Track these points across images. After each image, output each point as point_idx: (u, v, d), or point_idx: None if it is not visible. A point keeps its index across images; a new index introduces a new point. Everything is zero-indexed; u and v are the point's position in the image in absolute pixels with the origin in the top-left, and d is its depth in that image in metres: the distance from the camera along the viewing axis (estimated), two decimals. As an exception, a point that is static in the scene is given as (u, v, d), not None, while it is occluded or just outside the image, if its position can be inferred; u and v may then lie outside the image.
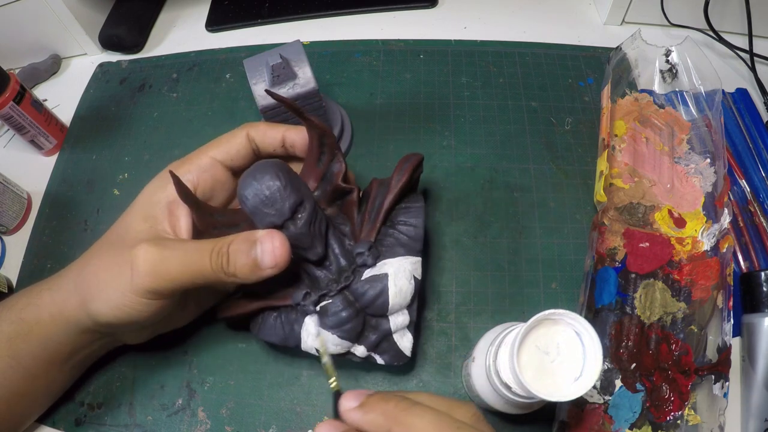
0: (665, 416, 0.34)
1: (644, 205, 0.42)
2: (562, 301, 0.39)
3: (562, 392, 0.24)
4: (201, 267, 0.29)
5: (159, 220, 0.32)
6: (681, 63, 0.47)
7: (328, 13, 0.58)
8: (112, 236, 0.33)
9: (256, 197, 0.30)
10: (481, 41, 0.53)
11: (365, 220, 0.34)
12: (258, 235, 0.29)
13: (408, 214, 0.34)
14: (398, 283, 0.31)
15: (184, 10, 0.62)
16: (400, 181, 0.34)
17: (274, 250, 0.29)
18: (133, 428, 0.37)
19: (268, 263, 0.29)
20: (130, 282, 0.29)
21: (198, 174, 0.33)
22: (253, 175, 0.31)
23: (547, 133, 0.47)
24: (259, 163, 0.32)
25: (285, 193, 0.30)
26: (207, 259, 0.29)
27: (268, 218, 0.30)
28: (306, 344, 0.32)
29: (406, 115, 0.49)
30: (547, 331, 0.25)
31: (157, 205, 0.32)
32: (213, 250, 0.29)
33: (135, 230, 0.32)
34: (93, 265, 0.32)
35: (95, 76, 0.57)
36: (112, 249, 0.32)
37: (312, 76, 0.40)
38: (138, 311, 0.30)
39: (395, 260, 0.32)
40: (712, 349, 0.35)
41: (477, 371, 0.30)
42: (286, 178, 0.31)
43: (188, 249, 0.30)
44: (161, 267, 0.29)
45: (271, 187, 0.30)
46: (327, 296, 0.32)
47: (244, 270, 0.29)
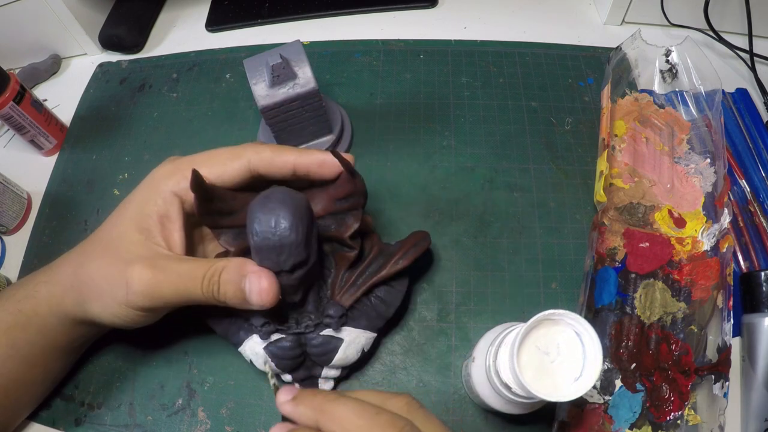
0: (665, 416, 0.34)
1: (644, 205, 0.42)
2: (562, 301, 0.39)
3: (562, 392, 0.24)
4: (192, 292, 0.30)
5: (152, 233, 0.32)
6: (681, 63, 0.47)
7: (328, 13, 0.58)
8: (104, 239, 0.33)
9: (264, 239, 0.28)
10: (481, 41, 0.53)
11: (349, 281, 0.34)
12: (248, 270, 0.30)
13: (388, 293, 0.35)
14: (348, 351, 0.33)
15: (184, 10, 0.62)
16: (401, 265, 0.34)
17: (261, 292, 0.29)
18: (133, 428, 0.37)
19: (255, 301, 0.29)
20: (125, 297, 0.30)
21: (186, 191, 0.31)
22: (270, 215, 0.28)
23: (547, 133, 0.47)
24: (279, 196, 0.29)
25: (294, 251, 0.29)
26: (198, 285, 0.30)
27: (266, 262, 0.29)
28: (244, 351, 0.34)
29: (406, 115, 0.49)
30: (547, 331, 0.25)
31: (149, 218, 0.32)
32: (205, 277, 0.30)
33: (129, 241, 0.31)
34: (89, 269, 0.32)
35: (95, 76, 0.57)
36: (107, 255, 0.32)
37: (312, 76, 0.40)
38: (133, 320, 0.32)
39: (354, 331, 0.34)
40: (712, 349, 0.35)
41: (477, 371, 0.30)
42: (303, 231, 0.29)
43: (181, 274, 0.30)
44: (154, 290, 0.30)
45: (283, 239, 0.28)
46: (282, 333, 0.33)
47: (233, 301, 0.30)
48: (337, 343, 0.33)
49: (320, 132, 0.44)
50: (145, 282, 0.30)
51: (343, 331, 0.33)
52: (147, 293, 0.30)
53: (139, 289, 0.30)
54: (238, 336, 0.34)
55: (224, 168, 0.32)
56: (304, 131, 0.43)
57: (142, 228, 0.32)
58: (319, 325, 0.33)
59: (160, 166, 0.33)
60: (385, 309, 0.34)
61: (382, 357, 0.38)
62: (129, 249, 0.31)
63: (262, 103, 0.39)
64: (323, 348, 0.33)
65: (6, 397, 0.34)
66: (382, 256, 0.35)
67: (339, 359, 0.33)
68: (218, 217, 0.32)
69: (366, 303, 0.34)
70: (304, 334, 0.33)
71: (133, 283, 0.30)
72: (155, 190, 0.32)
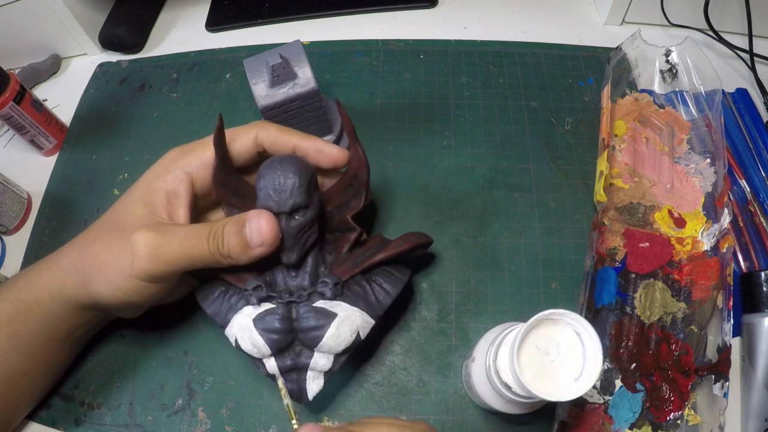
0: (665, 416, 0.34)
1: (644, 205, 0.42)
2: (562, 301, 0.39)
3: (562, 392, 0.24)
4: (199, 250, 0.30)
5: (158, 208, 0.32)
6: (681, 63, 0.47)
7: (328, 13, 0.58)
8: (110, 219, 0.33)
9: (271, 180, 0.31)
10: (481, 41, 0.53)
11: (348, 260, 0.34)
12: (246, 215, 0.31)
13: (388, 280, 0.34)
14: (341, 328, 0.31)
15: (184, 10, 0.62)
16: (400, 247, 0.34)
17: (261, 229, 0.30)
18: (133, 428, 0.37)
19: (256, 242, 0.30)
20: (130, 266, 0.30)
21: (197, 168, 0.33)
22: (280, 161, 0.31)
23: (547, 133, 0.47)
24: (293, 155, 0.33)
25: (296, 191, 0.31)
26: (204, 241, 0.30)
27: (269, 202, 0.31)
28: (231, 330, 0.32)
29: (406, 115, 0.49)
30: (547, 331, 0.25)
31: (156, 193, 0.32)
32: (210, 233, 0.30)
33: (134, 215, 0.32)
34: (94, 247, 0.32)
35: (95, 76, 0.57)
36: (112, 232, 0.32)
37: (312, 76, 0.40)
38: (137, 293, 0.31)
39: (351, 308, 0.32)
40: (712, 349, 0.35)
41: (477, 371, 0.30)
42: (306, 181, 0.31)
43: (187, 233, 0.31)
44: (160, 251, 0.30)
45: (288, 178, 0.31)
46: (273, 300, 0.32)
47: (236, 249, 0.30)
48: (330, 317, 0.31)
49: (320, 132, 0.44)
50: (151, 244, 0.30)
51: (338, 307, 0.32)
52: (153, 255, 0.30)
53: (145, 252, 0.30)
54: (226, 316, 0.32)
55: (234, 144, 0.34)
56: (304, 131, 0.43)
57: (147, 202, 0.32)
58: (312, 295, 0.32)
59: (170, 150, 0.34)
60: (384, 295, 0.34)
61: (382, 357, 0.38)
62: (132, 221, 0.32)
63: (262, 103, 0.39)
64: (314, 321, 0.31)
65: (8, 391, 0.34)
66: (381, 243, 0.35)
67: (331, 337, 0.31)
68: (229, 192, 0.33)
69: (365, 286, 0.34)
70: (296, 304, 0.32)
71: (138, 247, 0.30)
72: (165, 168, 0.33)
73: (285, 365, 0.32)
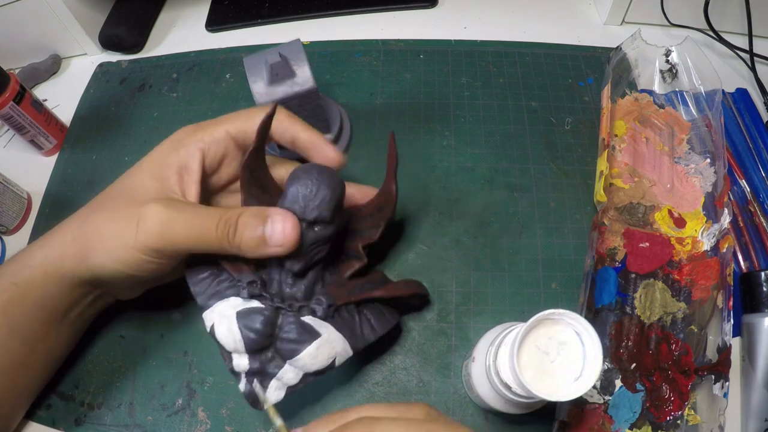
0: (665, 416, 0.34)
1: (644, 205, 0.42)
2: (562, 301, 0.39)
3: (562, 392, 0.24)
4: (206, 233, 0.29)
5: (170, 182, 0.31)
6: (681, 63, 0.47)
7: (328, 13, 0.58)
8: (115, 191, 0.33)
9: (304, 185, 0.30)
10: (481, 41, 0.53)
11: (346, 286, 0.34)
12: (270, 212, 0.30)
13: (377, 320, 0.34)
14: (321, 349, 0.30)
15: (184, 10, 0.62)
16: (399, 289, 0.35)
17: (285, 231, 0.29)
18: (133, 428, 0.37)
19: (277, 242, 0.29)
20: (134, 238, 0.29)
21: (209, 144, 0.33)
22: (319, 171, 0.31)
23: (547, 133, 0.47)
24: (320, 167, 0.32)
25: (324, 205, 0.30)
26: (214, 225, 0.29)
27: (295, 205, 0.30)
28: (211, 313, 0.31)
29: (406, 115, 0.49)
30: (547, 331, 0.25)
31: (168, 168, 0.32)
32: (221, 219, 0.29)
33: (144, 186, 0.31)
34: (95, 218, 0.31)
35: (95, 76, 0.57)
36: (117, 202, 0.31)
37: (311, 75, 0.40)
38: (138, 268, 0.30)
39: (336, 333, 0.31)
40: (712, 349, 0.35)
41: (477, 371, 0.30)
42: (336, 200, 0.31)
43: (197, 212, 0.30)
44: (168, 228, 0.29)
45: (320, 190, 0.30)
46: (264, 300, 0.31)
47: (249, 243, 0.30)
48: (314, 336, 0.30)
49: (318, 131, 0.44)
50: (159, 219, 0.29)
51: (323, 327, 0.31)
52: (159, 232, 0.29)
53: (152, 226, 0.29)
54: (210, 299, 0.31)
55: (246, 123, 0.33)
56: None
57: (159, 176, 0.31)
58: (303, 309, 0.32)
59: (184, 127, 0.34)
60: (369, 332, 0.33)
61: (382, 357, 0.38)
62: (141, 192, 0.31)
63: (260, 101, 0.39)
64: (297, 334, 0.30)
65: (10, 381, 0.33)
66: (383, 282, 0.35)
67: (308, 355, 0.30)
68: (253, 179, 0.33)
69: (354, 317, 0.33)
70: (284, 313, 0.31)
71: (146, 220, 0.29)
72: (178, 143, 0.32)
73: (252, 367, 0.31)
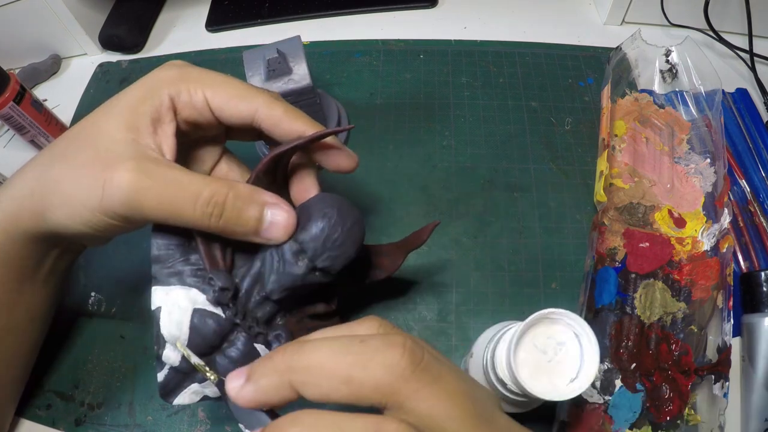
0: (665, 416, 0.34)
1: (644, 205, 0.42)
2: (562, 301, 0.39)
3: (557, 392, 0.24)
4: (182, 209, 0.25)
5: (143, 135, 0.27)
6: (681, 63, 0.47)
7: (328, 13, 0.58)
8: (81, 137, 0.28)
9: (332, 230, 0.27)
10: (481, 41, 0.53)
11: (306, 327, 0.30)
12: (266, 199, 0.27)
13: None
14: None
15: (184, 10, 0.62)
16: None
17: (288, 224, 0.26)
18: (133, 428, 0.37)
19: (272, 234, 0.26)
20: (99, 201, 0.25)
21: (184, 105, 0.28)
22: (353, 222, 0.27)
23: (547, 133, 0.47)
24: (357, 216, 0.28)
25: (340, 260, 0.27)
26: (191, 202, 0.25)
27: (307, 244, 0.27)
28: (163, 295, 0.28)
29: (406, 115, 0.49)
30: (546, 330, 0.25)
31: (142, 117, 0.27)
32: (202, 196, 0.25)
33: (114, 139, 0.26)
34: (57, 171, 0.27)
35: (95, 76, 0.57)
36: (82, 153, 0.27)
37: (307, 72, 0.39)
38: (103, 229, 0.27)
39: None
40: (712, 349, 0.35)
41: (474, 367, 0.30)
42: (357, 254, 0.28)
43: (172, 181, 0.25)
44: (136, 198, 0.25)
45: (345, 246, 0.27)
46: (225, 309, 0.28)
47: (236, 230, 0.26)
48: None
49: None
50: (126, 187, 0.25)
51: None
52: (127, 201, 0.25)
53: (118, 195, 0.25)
54: (168, 277, 0.28)
55: (228, 104, 0.28)
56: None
57: (131, 126, 0.26)
58: (260, 335, 0.29)
59: (164, 66, 0.28)
60: None
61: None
62: (111, 147, 0.26)
63: None
64: (242, 358, 0.28)
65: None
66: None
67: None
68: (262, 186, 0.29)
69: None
70: (239, 332, 0.28)
71: (112, 186, 0.25)
72: (153, 90, 0.27)
73: (181, 366, 0.28)
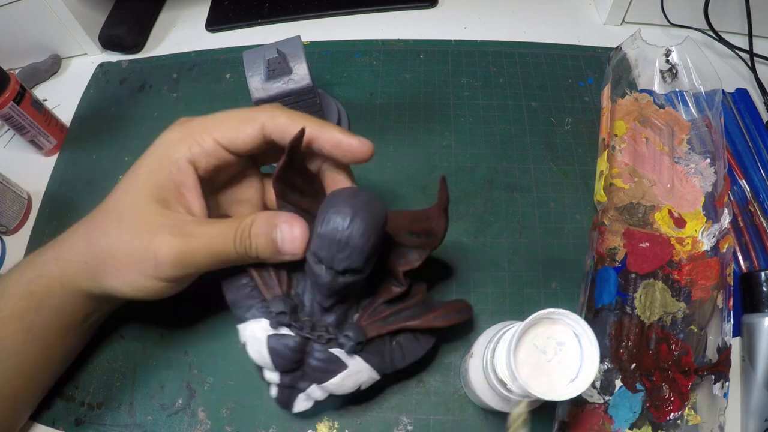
0: (665, 416, 0.34)
1: (644, 205, 0.42)
2: (562, 301, 0.39)
3: (557, 392, 0.24)
4: (225, 251, 0.29)
5: (171, 203, 0.30)
6: (681, 63, 0.47)
7: (328, 13, 0.58)
8: (117, 212, 0.31)
9: (334, 230, 0.27)
10: (481, 41, 0.53)
11: (381, 315, 0.32)
12: (278, 221, 0.29)
13: (410, 345, 0.33)
14: (346, 380, 0.31)
15: (184, 10, 0.62)
16: (437, 322, 0.32)
17: (294, 239, 0.29)
18: (133, 428, 0.37)
19: (288, 250, 0.29)
20: (153, 269, 0.29)
21: (199, 156, 0.31)
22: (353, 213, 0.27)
23: (547, 133, 0.47)
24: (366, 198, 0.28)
25: (355, 255, 0.27)
26: (231, 243, 0.29)
27: (322, 252, 0.28)
28: (243, 331, 0.31)
29: (406, 115, 0.49)
30: (547, 330, 0.25)
31: (165, 189, 0.30)
32: (236, 234, 0.29)
33: (147, 212, 0.30)
34: (106, 244, 0.30)
35: (95, 76, 0.57)
36: (125, 229, 0.30)
37: (307, 72, 0.39)
38: (157, 292, 0.31)
39: (362, 364, 0.31)
40: (712, 349, 0.35)
41: (474, 367, 0.30)
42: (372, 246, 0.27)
43: (212, 234, 0.29)
44: (186, 258, 0.29)
45: (352, 239, 0.27)
46: (292, 328, 0.30)
47: (265, 253, 0.30)
48: (340, 367, 0.30)
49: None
50: (176, 251, 0.29)
51: (350, 359, 0.31)
52: (178, 262, 0.29)
53: (169, 259, 0.29)
54: (244, 314, 0.31)
55: (236, 132, 0.31)
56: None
57: (160, 199, 0.30)
58: (331, 341, 0.31)
59: (169, 130, 0.32)
60: (401, 358, 0.32)
61: (382, 357, 0.38)
62: (149, 220, 0.30)
63: (256, 96, 0.39)
64: (324, 365, 0.30)
65: (29, 382, 0.34)
66: (422, 306, 0.33)
67: (333, 384, 0.31)
68: (288, 188, 0.30)
69: (386, 343, 0.32)
70: (313, 342, 0.31)
71: (162, 254, 0.29)
72: (167, 158, 0.30)
73: (283, 382, 0.32)
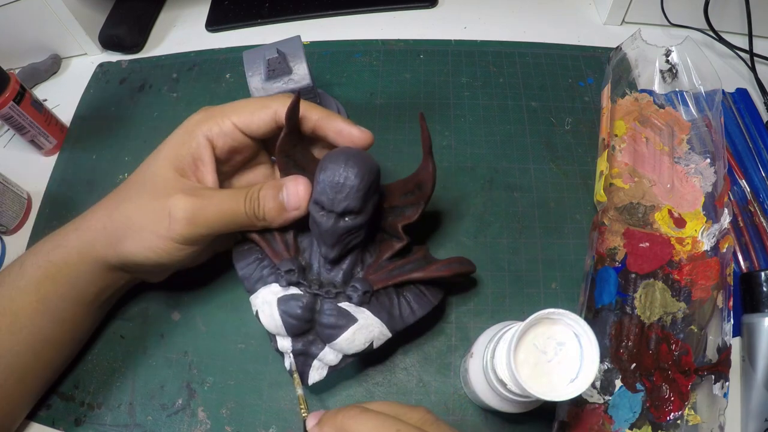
0: (665, 416, 0.34)
1: (644, 205, 0.42)
2: (562, 301, 0.39)
3: (557, 392, 0.24)
4: (236, 212, 0.32)
5: (187, 173, 0.33)
6: (681, 63, 0.47)
7: (328, 13, 0.58)
8: (138, 181, 0.34)
9: (331, 176, 0.30)
10: (481, 41, 0.53)
11: (386, 268, 0.34)
12: (284, 180, 0.32)
13: (418, 300, 0.34)
14: (357, 334, 0.32)
15: (184, 10, 0.62)
16: (440, 271, 0.33)
17: (298, 193, 0.32)
18: (133, 428, 0.37)
19: (293, 205, 0.32)
20: (167, 228, 0.31)
21: (217, 136, 0.33)
22: (346, 158, 0.30)
23: (547, 133, 0.47)
24: (356, 151, 0.31)
25: (352, 195, 0.30)
26: (241, 204, 0.32)
27: (323, 197, 0.30)
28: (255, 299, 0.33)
29: (406, 115, 0.49)
30: (547, 330, 0.25)
31: (183, 159, 0.33)
32: (246, 197, 0.32)
33: (164, 178, 0.33)
34: (125, 209, 0.33)
35: (95, 76, 0.57)
36: (144, 194, 0.33)
37: (307, 72, 0.39)
38: (170, 255, 0.32)
39: (371, 317, 0.32)
40: (712, 349, 0.35)
41: (474, 367, 0.30)
42: (367, 186, 0.30)
43: (223, 197, 0.32)
44: (199, 215, 0.31)
45: (348, 180, 0.30)
46: (302, 287, 0.33)
47: (272, 212, 0.32)
48: (350, 321, 0.31)
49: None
50: (189, 208, 0.31)
51: (360, 312, 0.32)
52: (192, 219, 0.31)
53: (184, 216, 0.31)
54: (255, 285, 0.33)
55: (252, 117, 0.33)
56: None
57: (177, 167, 0.33)
58: (340, 295, 0.32)
59: (193, 114, 0.35)
60: (409, 313, 0.33)
61: (383, 357, 0.38)
62: (166, 185, 0.32)
63: (255, 96, 0.39)
64: (334, 320, 0.31)
65: (36, 359, 0.34)
66: (425, 260, 0.35)
67: (344, 340, 0.31)
68: (290, 163, 0.33)
69: (393, 298, 0.33)
70: (322, 298, 0.32)
71: (176, 211, 0.31)
72: (189, 135, 0.33)
73: (296, 348, 0.33)
